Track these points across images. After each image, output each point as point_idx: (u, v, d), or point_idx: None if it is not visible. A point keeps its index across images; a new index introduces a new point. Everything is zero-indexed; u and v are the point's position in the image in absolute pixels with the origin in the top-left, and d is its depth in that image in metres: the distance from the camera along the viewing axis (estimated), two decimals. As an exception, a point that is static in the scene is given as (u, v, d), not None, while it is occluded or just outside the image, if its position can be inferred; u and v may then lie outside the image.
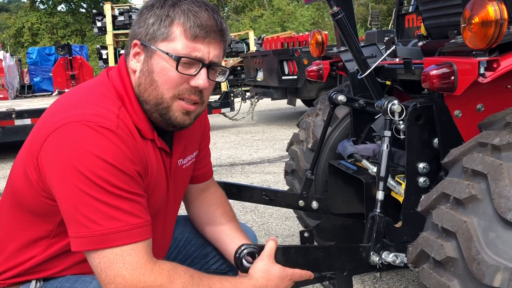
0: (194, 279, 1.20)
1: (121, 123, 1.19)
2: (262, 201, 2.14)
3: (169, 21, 1.23)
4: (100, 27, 12.06)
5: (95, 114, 1.17)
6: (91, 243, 1.13)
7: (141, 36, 1.26)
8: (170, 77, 1.24)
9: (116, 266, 1.13)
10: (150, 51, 1.25)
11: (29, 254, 1.30)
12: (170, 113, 1.28)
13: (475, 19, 1.38)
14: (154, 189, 1.31)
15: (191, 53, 1.23)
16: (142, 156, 1.23)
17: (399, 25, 3.79)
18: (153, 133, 1.30)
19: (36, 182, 1.21)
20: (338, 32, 2.01)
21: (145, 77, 1.26)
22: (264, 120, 9.77)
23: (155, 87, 1.26)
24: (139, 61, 1.28)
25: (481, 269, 1.12)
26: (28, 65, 15.77)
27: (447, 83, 1.47)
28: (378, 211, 1.60)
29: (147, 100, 1.27)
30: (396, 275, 2.63)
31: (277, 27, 27.82)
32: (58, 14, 34.17)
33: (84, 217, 1.12)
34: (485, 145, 1.30)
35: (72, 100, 1.26)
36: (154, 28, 1.24)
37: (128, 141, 1.18)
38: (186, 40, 1.23)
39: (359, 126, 2.26)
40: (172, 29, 1.23)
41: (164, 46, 1.24)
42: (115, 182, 1.13)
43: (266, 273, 1.31)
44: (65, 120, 1.16)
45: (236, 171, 5.41)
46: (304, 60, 7.52)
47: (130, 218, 1.15)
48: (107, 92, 1.26)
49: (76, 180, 1.11)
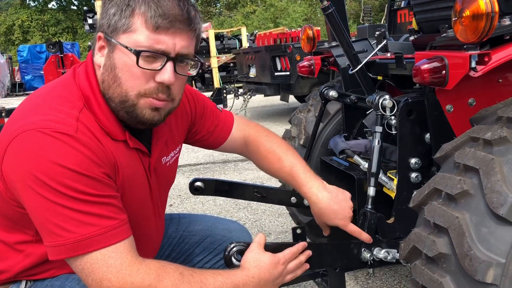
0: (184, 276, 1.17)
1: (80, 126, 1.13)
2: (254, 198, 2.12)
3: (130, 10, 1.13)
4: (91, 24, 11.98)
5: (52, 119, 1.11)
6: (68, 251, 1.10)
7: (104, 28, 1.18)
8: (133, 73, 1.15)
9: (99, 270, 1.10)
10: (112, 45, 1.17)
11: (13, 260, 1.27)
12: (137, 111, 1.19)
13: (466, 12, 1.36)
14: (131, 189, 1.26)
15: (153, 46, 1.13)
16: (109, 157, 1.17)
17: (391, 20, 3.79)
18: (124, 134, 1.23)
19: (4, 192, 1.17)
20: (329, 26, 1.99)
21: (108, 73, 1.18)
22: (257, 117, 9.75)
23: (119, 84, 1.17)
24: (103, 55, 1.19)
25: (474, 265, 1.11)
26: (19, 63, 15.66)
27: (439, 77, 1.46)
28: (369, 207, 1.59)
29: (112, 97, 1.19)
30: (389, 271, 2.62)
31: (269, 23, 27.76)
32: (49, 11, 33.93)
33: (55, 226, 1.09)
34: (477, 139, 1.29)
35: (31, 105, 1.20)
36: (115, 19, 1.15)
37: (90, 143, 1.12)
38: (148, 32, 1.13)
39: (351, 122, 2.25)
40: (133, 19, 1.13)
41: (125, 39, 1.14)
42: (81, 187, 1.09)
43: (257, 262, 1.30)
44: (22, 128, 1.11)
45: (229, 168, 5.39)
46: (297, 56, 7.49)
47: (103, 221, 1.11)
48: (68, 94, 1.20)
49: (41, 189, 1.07)
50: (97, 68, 1.23)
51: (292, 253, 1.39)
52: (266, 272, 1.29)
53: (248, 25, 26.03)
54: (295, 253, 1.40)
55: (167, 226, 1.62)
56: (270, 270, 1.30)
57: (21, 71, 15.36)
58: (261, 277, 1.28)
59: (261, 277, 1.28)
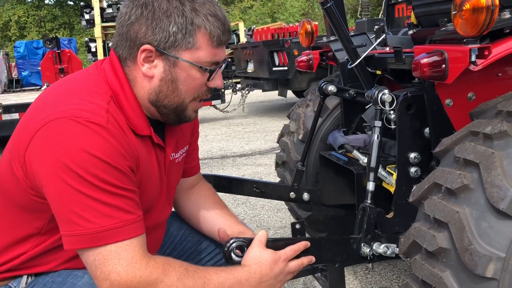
0: (189, 271, 1.19)
1: (111, 118, 1.16)
2: (253, 194, 2.12)
3: (195, 29, 1.21)
4: (88, 20, 11.91)
5: (84, 109, 1.13)
6: (85, 241, 1.10)
7: (157, 42, 1.20)
8: (196, 86, 1.26)
9: (110, 262, 1.11)
10: (171, 60, 1.22)
11: (19, 251, 1.27)
12: (186, 113, 1.31)
13: (466, 5, 1.35)
14: (146, 184, 1.28)
15: (213, 59, 1.25)
16: (133, 151, 1.20)
17: (389, 15, 3.77)
18: (149, 129, 1.28)
19: (23, 180, 1.18)
20: (328, 21, 1.98)
21: (168, 85, 1.25)
22: (255, 112, 9.74)
23: (177, 94, 1.26)
24: (154, 67, 1.23)
25: (474, 260, 1.11)
26: (16, 59, 15.57)
27: (438, 71, 1.45)
28: (368, 202, 1.59)
29: (167, 105, 1.27)
30: (388, 266, 2.63)
31: (267, 18, 27.71)
32: (45, 7, 33.74)
33: (76, 215, 1.09)
34: (477, 134, 1.29)
35: (59, 95, 1.22)
36: (178, 36, 1.20)
37: (119, 136, 1.15)
38: (211, 48, 1.23)
39: (350, 117, 2.24)
40: (198, 37, 1.21)
41: (188, 55, 1.22)
42: (107, 178, 1.10)
43: (258, 259, 1.31)
44: (52, 116, 1.12)
45: (227, 163, 5.39)
46: (295, 51, 7.47)
47: (123, 214, 1.13)
48: (97, 86, 1.22)
49: (67, 177, 1.08)
50: (141, 77, 1.25)
51: (293, 250, 1.40)
52: (267, 269, 1.30)
53: (246, 20, 25.98)
54: (296, 251, 1.40)
55: (169, 224, 1.63)
56: (271, 267, 1.31)
57: (18, 67, 15.25)
58: (263, 273, 1.29)
59: (262, 273, 1.29)
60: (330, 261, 1.60)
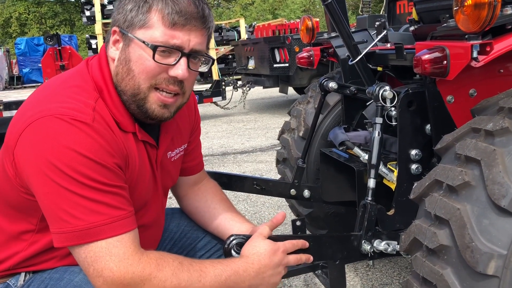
0: (183, 265, 1.18)
1: (97, 116, 1.16)
2: (253, 191, 2.12)
3: (147, 7, 1.18)
4: (89, 17, 11.88)
5: (69, 107, 1.13)
6: (74, 238, 1.11)
7: (119, 23, 1.22)
8: (147, 67, 1.20)
9: (102, 259, 1.11)
10: (127, 39, 1.21)
11: (14, 249, 1.28)
12: (147, 105, 1.24)
13: (468, 1, 1.35)
14: (138, 181, 1.28)
15: (169, 41, 1.18)
16: (121, 149, 1.20)
17: (390, 11, 3.75)
18: (133, 126, 1.27)
19: (14, 178, 1.19)
20: (329, 17, 1.97)
21: (122, 66, 1.22)
22: (256, 109, 9.74)
23: (132, 77, 1.21)
24: (118, 49, 1.24)
25: (475, 257, 1.10)
26: (17, 56, 15.56)
27: (440, 67, 1.44)
28: (369, 199, 1.58)
29: (124, 90, 1.23)
30: (389, 263, 2.63)
31: (268, 15, 27.66)
32: (46, 3, 33.76)
33: (64, 213, 1.10)
34: (478, 130, 1.28)
35: (47, 93, 1.22)
36: (132, 14, 1.19)
37: (105, 133, 1.15)
38: (164, 28, 1.18)
39: (351, 113, 2.24)
40: (150, 15, 1.18)
41: (142, 34, 1.19)
42: (94, 175, 1.10)
43: (256, 248, 1.31)
44: (39, 114, 1.13)
45: (228, 160, 5.39)
46: (296, 47, 7.46)
47: (112, 210, 1.13)
48: (84, 84, 1.22)
49: (54, 175, 1.09)
50: (111, 62, 1.26)
51: (292, 244, 1.39)
52: (266, 259, 1.29)
53: (247, 16, 25.95)
54: (294, 245, 1.40)
55: (169, 220, 1.63)
56: (270, 257, 1.30)
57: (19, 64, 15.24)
58: (261, 263, 1.28)
59: (261, 263, 1.28)
60: (330, 258, 1.60)
